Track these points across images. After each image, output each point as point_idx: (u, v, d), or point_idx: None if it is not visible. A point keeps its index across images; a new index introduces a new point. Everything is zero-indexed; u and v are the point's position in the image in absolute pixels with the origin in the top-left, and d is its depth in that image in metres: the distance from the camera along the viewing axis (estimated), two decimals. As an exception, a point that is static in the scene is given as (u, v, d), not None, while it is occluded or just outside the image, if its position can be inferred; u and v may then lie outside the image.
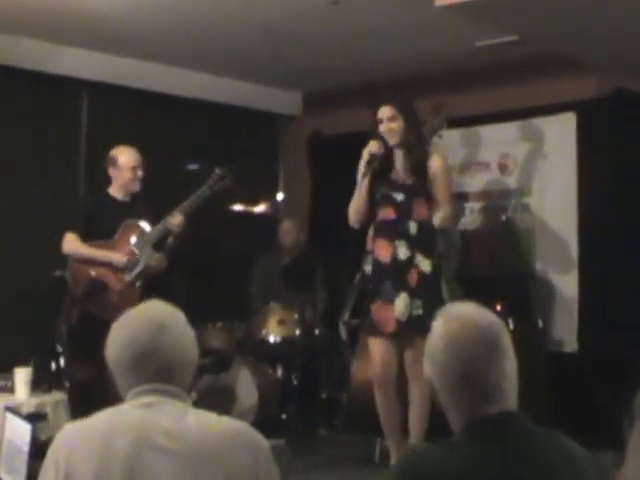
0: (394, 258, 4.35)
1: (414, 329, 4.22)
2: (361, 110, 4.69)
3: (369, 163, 4.36)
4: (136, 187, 5.02)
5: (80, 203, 5.77)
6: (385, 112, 4.38)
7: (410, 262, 4.32)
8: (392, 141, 4.39)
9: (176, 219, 4.92)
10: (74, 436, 1.91)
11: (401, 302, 4.29)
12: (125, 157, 4.99)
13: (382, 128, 4.38)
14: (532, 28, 4.96)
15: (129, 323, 2.00)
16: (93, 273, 4.90)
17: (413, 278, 4.31)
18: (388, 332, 4.36)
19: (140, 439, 1.84)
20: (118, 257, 4.89)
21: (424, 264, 4.32)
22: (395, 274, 4.34)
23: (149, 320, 1.99)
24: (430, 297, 4.28)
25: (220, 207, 6.61)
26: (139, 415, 1.91)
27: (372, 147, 4.37)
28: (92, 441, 1.86)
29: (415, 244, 4.33)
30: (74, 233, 4.94)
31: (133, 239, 4.95)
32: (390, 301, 4.32)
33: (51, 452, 1.91)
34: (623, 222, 5.53)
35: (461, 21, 5.04)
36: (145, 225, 4.98)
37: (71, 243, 4.95)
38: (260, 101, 7.07)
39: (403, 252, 4.34)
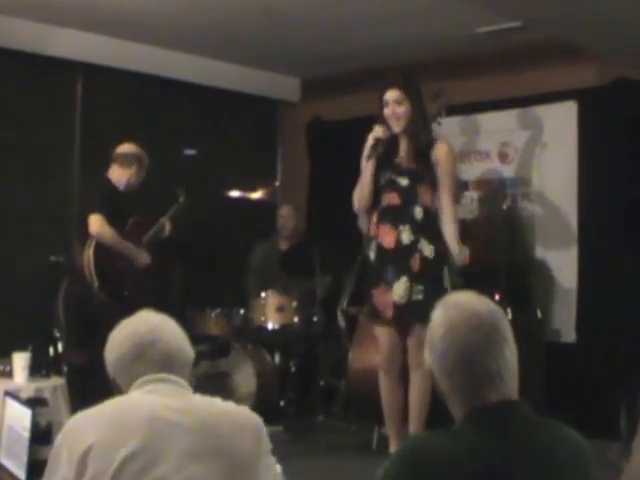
0: (398, 243, 4.32)
1: (413, 314, 4.21)
2: (360, 96, 4.68)
3: (374, 148, 4.32)
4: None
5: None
6: (392, 95, 4.33)
7: (414, 247, 4.30)
8: (396, 127, 4.34)
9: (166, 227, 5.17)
10: (87, 421, 1.93)
11: (401, 286, 4.27)
12: (147, 159, 5.14)
13: (387, 111, 4.34)
14: (533, 14, 4.94)
15: (126, 325, 2.10)
16: (116, 263, 4.93)
17: (416, 263, 4.29)
18: (387, 317, 4.35)
19: (152, 416, 1.89)
20: (142, 258, 4.97)
21: (427, 249, 4.30)
22: (398, 259, 4.31)
23: (146, 319, 2.10)
24: (431, 283, 4.26)
25: (217, 193, 6.61)
26: (149, 398, 1.96)
27: (377, 132, 4.33)
28: (106, 423, 1.89)
29: (420, 229, 4.31)
30: (101, 215, 4.88)
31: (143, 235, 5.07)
32: (390, 286, 4.31)
33: (63, 437, 1.92)
34: (623, 211, 5.52)
35: (462, 7, 5.02)
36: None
37: (102, 226, 4.87)
38: (258, 86, 7.05)
39: (407, 236, 4.31)
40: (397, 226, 4.33)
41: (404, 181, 4.36)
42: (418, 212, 4.33)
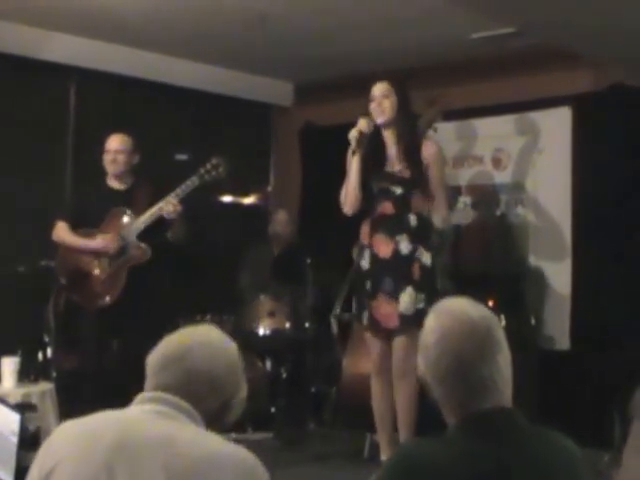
0: (396, 253, 4.28)
1: (417, 322, 4.17)
2: (353, 101, 4.63)
3: (358, 141, 4.28)
4: (116, 170, 4.99)
5: (72, 195, 5.74)
6: (379, 88, 4.33)
7: (412, 256, 4.28)
8: (379, 118, 4.31)
9: (170, 205, 4.84)
10: (62, 436, 1.87)
11: (407, 297, 4.23)
12: (108, 142, 5.02)
13: (373, 105, 4.33)
14: (529, 20, 4.95)
15: (173, 334, 1.97)
16: (77, 261, 4.90)
17: (416, 271, 4.26)
18: (389, 328, 4.30)
19: (118, 442, 1.77)
20: (96, 242, 4.86)
21: (425, 257, 4.29)
22: (397, 269, 4.27)
23: (193, 331, 1.97)
24: (431, 290, 4.25)
25: (209, 198, 6.57)
26: (133, 418, 1.84)
27: (361, 125, 4.29)
28: (73, 443, 1.82)
29: (416, 237, 4.29)
30: (64, 222, 4.96)
31: (121, 226, 4.91)
32: (393, 297, 4.26)
33: (42, 447, 1.88)
34: (618, 218, 5.51)
35: (457, 12, 5.01)
36: (131, 213, 4.93)
37: (59, 231, 4.96)
38: (251, 91, 7.04)
39: (405, 246, 4.28)
40: (393, 236, 4.29)
41: (398, 190, 4.33)
42: (412, 220, 4.31)
